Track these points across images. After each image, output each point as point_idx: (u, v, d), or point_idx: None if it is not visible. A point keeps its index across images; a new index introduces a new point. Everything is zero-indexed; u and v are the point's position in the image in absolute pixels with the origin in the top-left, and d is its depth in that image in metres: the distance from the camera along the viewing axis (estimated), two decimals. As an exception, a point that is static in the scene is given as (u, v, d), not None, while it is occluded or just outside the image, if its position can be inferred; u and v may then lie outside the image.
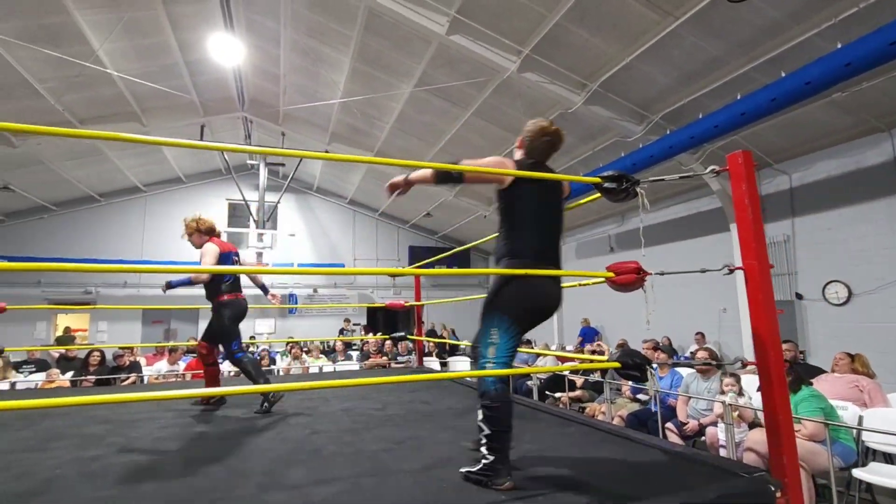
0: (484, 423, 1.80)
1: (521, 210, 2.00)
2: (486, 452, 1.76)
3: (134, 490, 1.77)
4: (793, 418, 3.45)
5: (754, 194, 1.86)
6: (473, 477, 1.77)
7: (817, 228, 6.91)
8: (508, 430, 1.80)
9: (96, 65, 7.27)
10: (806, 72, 4.89)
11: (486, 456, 1.76)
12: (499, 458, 1.74)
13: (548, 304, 1.97)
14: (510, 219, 2.02)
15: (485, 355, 1.89)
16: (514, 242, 1.98)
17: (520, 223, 2.00)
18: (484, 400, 1.82)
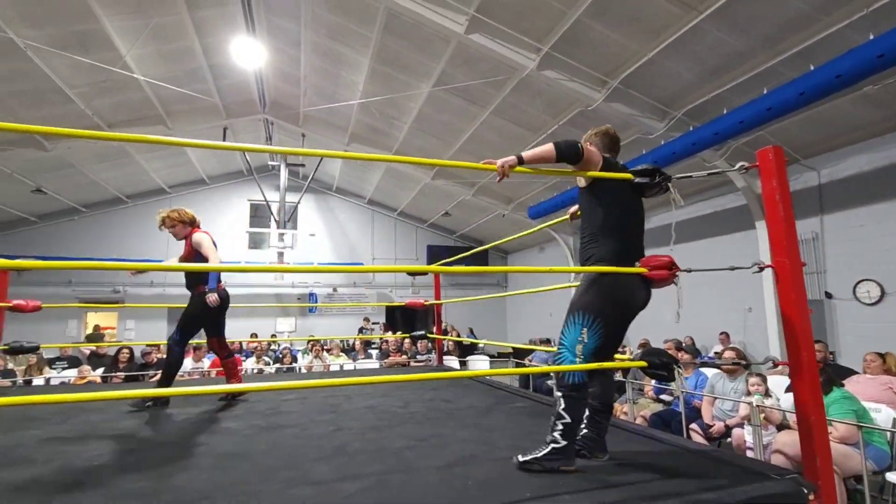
0: (565, 412, 1.88)
1: (610, 210, 2.01)
2: (560, 437, 1.87)
3: (166, 483, 1.82)
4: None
5: (785, 190, 1.82)
6: (542, 462, 1.85)
7: (847, 225, 6.70)
8: (582, 419, 1.95)
9: (124, 70, 7.48)
10: (836, 64, 4.76)
11: (559, 440, 1.86)
12: (570, 444, 1.87)
13: (634, 302, 2.00)
14: (598, 219, 2.01)
15: (572, 350, 1.93)
16: (601, 246, 1.99)
17: (607, 224, 2.00)
18: (567, 389, 1.90)
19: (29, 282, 11.54)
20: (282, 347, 9.06)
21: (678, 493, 1.61)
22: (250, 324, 13.70)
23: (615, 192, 2.03)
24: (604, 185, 2.01)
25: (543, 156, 1.95)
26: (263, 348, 8.95)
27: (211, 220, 14.08)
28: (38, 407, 3.31)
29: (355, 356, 8.66)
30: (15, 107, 7.82)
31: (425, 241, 16.16)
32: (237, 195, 14.57)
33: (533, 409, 3.15)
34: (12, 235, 12.27)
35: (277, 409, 3.23)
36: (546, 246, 14.25)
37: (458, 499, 1.62)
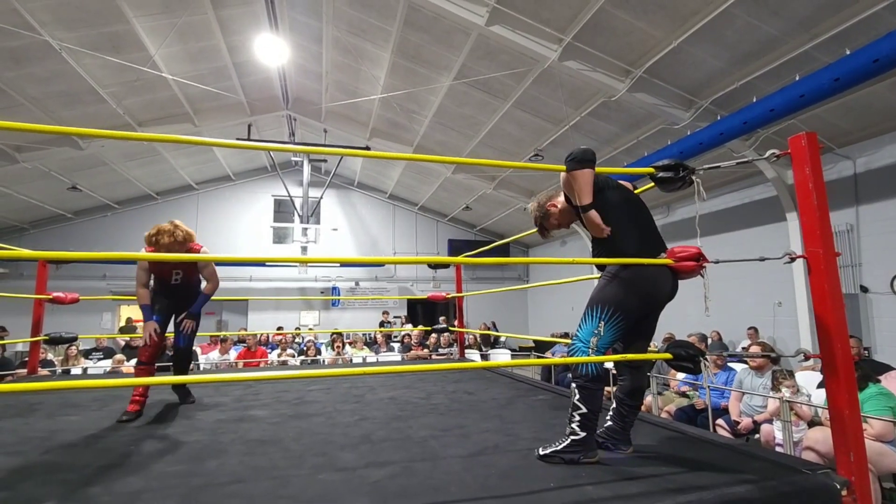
0: (581, 402, 1.87)
1: (619, 212, 1.99)
2: (578, 429, 1.85)
3: (201, 466, 1.89)
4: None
5: (819, 178, 1.77)
6: (562, 455, 1.86)
7: (885, 217, 6.45)
8: (600, 410, 1.90)
9: (153, 69, 7.67)
10: (874, 48, 4.56)
11: (577, 432, 1.85)
12: (589, 435, 1.86)
13: (658, 294, 1.96)
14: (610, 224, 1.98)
15: (587, 342, 1.91)
16: (622, 245, 1.96)
17: (621, 224, 1.98)
18: (582, 380, 1.88)
19: (66, 276, 11.99)
20: (306, 340, 9.22)
21: (704, 485, 1.59)
22: (276, 317, 14.01)
23: (613, 190, 2.03)
24: (600, 188, 1.98)
25: (587, 179, 1.91)
26: (288, 341, 9.12)
27: (236, 215, 14.41)
28: (76, 394, 3.45)
29: (377, 349, 8.75)
30: (52, 107, 8.12)
31: (446, 236, 16.19)
32: (262, 191, 14.84)
33: (554, 401, 3.14)
34: (49, 231, 12.77)
35: (303, 399, 3.30)
36: (568, 239, 14.11)
37: (482, 487, 1.64)
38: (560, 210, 2.17)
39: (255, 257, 1.73)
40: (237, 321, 13.95)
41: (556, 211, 2.19)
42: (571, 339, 1.97)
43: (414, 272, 15.72)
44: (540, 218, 2.24)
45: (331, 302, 14.93)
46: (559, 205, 2.18)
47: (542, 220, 2.23)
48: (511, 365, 3.82)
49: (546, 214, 2.21)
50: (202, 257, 2.87)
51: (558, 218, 2.20)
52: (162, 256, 2.61)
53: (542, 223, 2.25)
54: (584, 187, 1.89)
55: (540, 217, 2.23)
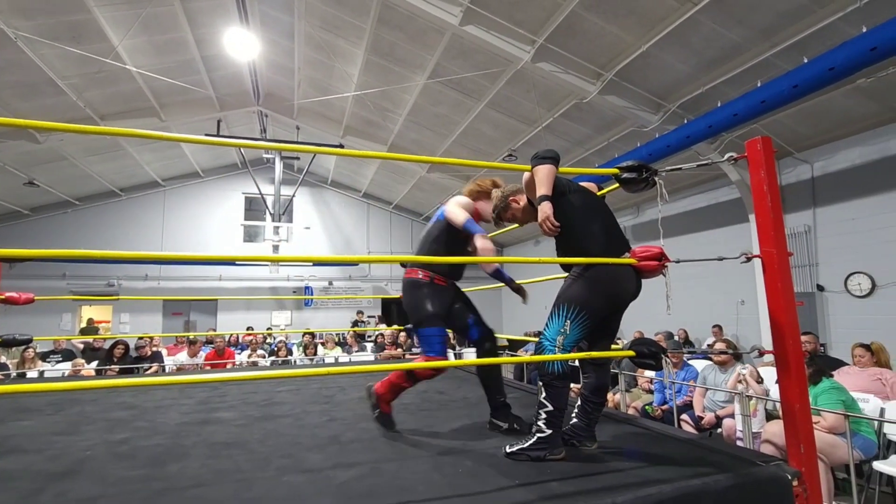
0: (547, 400, 1.92)
1: (583, 212, 2.04)
2: (544, 426, 1.90)
3: (160, 470, 1.84)
4: (813, 410, 3.42)
5: (773, 181, 1.84)
6: (528, 452, 1.89)
7: (840, 219, 6.75)
8: (566, 407, 1.95)
9: (116, 61, 7.41)
10: (829, 57, 4.77)
11: (543, 430, 1.89)
12: (555, 432, 1.90)
13: (623, 293, 2.00)
14: (572, 224, 2.03)
15: (553, 340, 1.94)
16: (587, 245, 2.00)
17: (583, 224, 2.03)
18: (549, 378, 1.92)
19: (22, 275, 11.48)
20: (277, 340, 9.07)
21: (665, 479, 1.63)
22: (247, 317, 13.73)
23: (575, 193, 2.08)
24: (561, 190, 2.04)
25: (548, 175, 1.96)
26: (259, 341, 8.95)
27: (205, 213, 14.05)
28: (31, 399, 3.31)
29: (349, 350, 8.68)
30: (7, 98, 7.75)
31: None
32: (232, 188, 14.50)
33: (524, 400, 3.17)
34: (4, 229, 12.18)
35: (272, 400, 3.25)
36: (541, 239, 14.28)
37: (449, 486, 1.65)
38: (522, 207, 2.28)
39: (226, 255, 1.69)
40: (206, 322, 13.62)
41: (517, 207, 2.29)
42: (539, 338, 2.00)
43: (388, 271, 15.64)
44: (500, 207, 2.32)
45: (303, 302, 14.72)
46: (521, 202, 2.28)
47: (501, 211, 2.33)
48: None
49: (507, 206, 2.31)
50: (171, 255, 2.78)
51: (517, 213, 2.30)
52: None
53: (499, 213, 2.34)
54: (543, 180, 1.94)
55: (500, 207, 2.32)
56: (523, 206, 2.26)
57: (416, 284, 2.40)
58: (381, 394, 2.40)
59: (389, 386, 2.39)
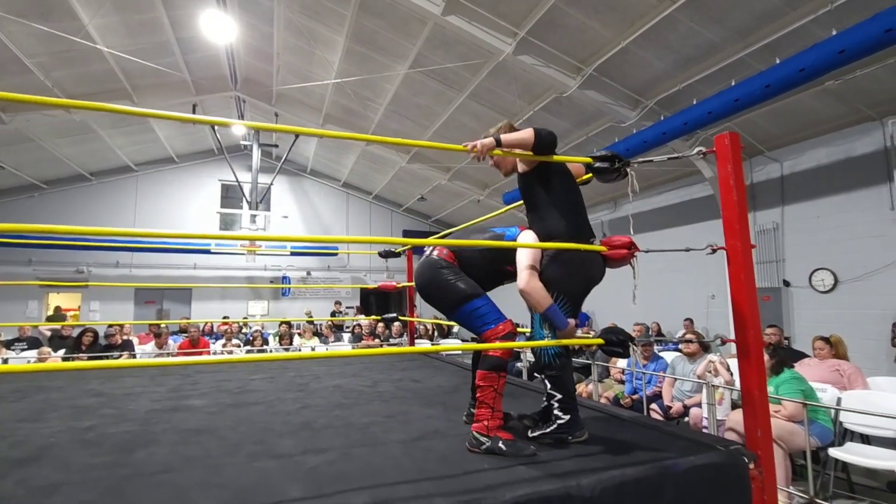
0: (554, 390, 2.00)
1: (559, 189, 2.07)
2: (561, 413, 1.97)
3: (127, 457, 1.82)
4: (774, 399, 3.55)
5: (740, 176, 1.89)
6: (551, 436, 1.95)
7: (806, 216, 6.98)
8: (574, 390, 2.03)
9: (86, 40, 7.14)
10: (800, 58, 4.90)
11: (561, 416, 1.97)
12: (573, 416, 1.97)
13: (594, 278, 2.07)
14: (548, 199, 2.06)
15: (541, 332, 2.01)
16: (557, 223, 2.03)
17: (558, 202, 2.06)
18: (549, 371, 2.00)
19: (-15, 261, 11.07)
20: (253, 330, 8.96)
21: (629, 463, 1.69)
22: (223, 306, 13.50)
23: (561, 174, 2.10)
24: (551, 167, 2.06)
25: (522, 142, 1.95)
26: (234, 331, 8.83)
27: (180, 200, 13.74)
28: (-7, 386, 3.22)
29: (325, 340, 8.64)
30: (-33, 75, 7.42)
31: (401, 226, 16.11)
32: (207, 175, 14.19)
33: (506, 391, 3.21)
34: (-34, 212, 11.71)
35: (245, 388, 3.23)
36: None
37: (420, 470, 1.67)
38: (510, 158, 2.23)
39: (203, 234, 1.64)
40: (179, 311, 13.36)
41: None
42: (530, 330, 2.06)
43: (367, 262, 15.57)
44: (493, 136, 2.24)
45: (281, 292, 14.55)
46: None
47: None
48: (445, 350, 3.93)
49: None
50: (143, 232, 2.72)
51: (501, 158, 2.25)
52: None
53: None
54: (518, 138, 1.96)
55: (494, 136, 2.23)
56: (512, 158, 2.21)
57: (439, 265, 2.09)
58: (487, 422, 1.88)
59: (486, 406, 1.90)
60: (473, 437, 1.86)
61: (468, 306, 1.98)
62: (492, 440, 1.84)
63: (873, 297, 6.11)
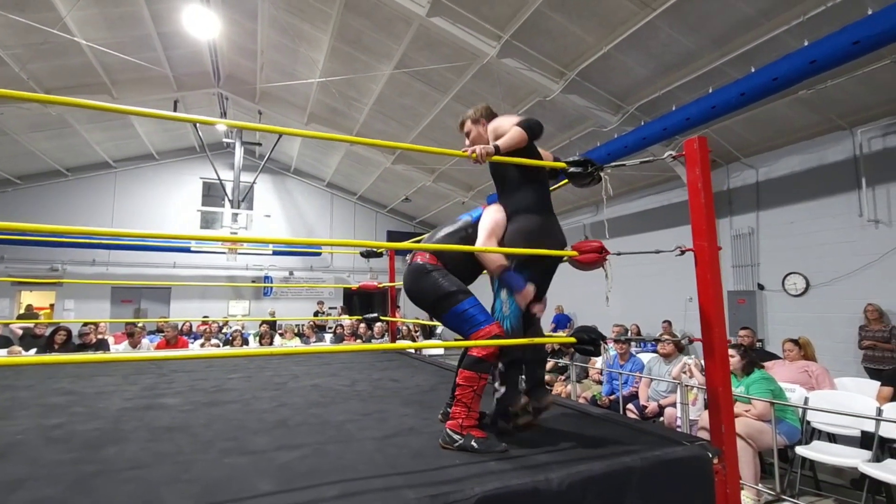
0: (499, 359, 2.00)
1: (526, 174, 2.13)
2: (498, 385, 2.01)
3: (95, 454, 1.79)
4: (745, 399, 3.64)
5: (707, 179, 1.95)
6: (496, 415, 2.03)
7: (780, 222, 7.17)
8: (521, 363, 2.05)
9: (63, 32, 7.00)
10: (774, 68, 5.04)
11: (498, 389, 2.01)
12: (509, 388, 2.02)
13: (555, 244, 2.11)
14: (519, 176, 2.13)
15: (499, 295, 2.05)
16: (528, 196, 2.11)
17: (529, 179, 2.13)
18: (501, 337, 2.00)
19: (-46, 257, 10.75)
20: (233, 329, 8.85)
21: (597, 457, 1.73)
22: (203, 306, 13.31)
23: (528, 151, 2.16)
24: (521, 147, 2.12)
25: (518, 143, 2.00)
26: (213, 330, 8.72)
27: (160, 197, 13.52)
28: (-41, 384, 3.14)
29: (307, 340, 8.58)
30: (-63, 66, 7.21)
31: (385, 227, 16.08)
32: (189, 173, 14.00)
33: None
34: (-65, 206, 11.36)
35: (221, 387, 3.20)
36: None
37: (391, 466, 1.68)
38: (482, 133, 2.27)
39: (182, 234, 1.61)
40: (158, 310, 13.14)
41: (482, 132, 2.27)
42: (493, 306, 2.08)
43: (351, 262, 15.51)
44: (471, 119, 2.31)
45: (262, 291, 14.40)
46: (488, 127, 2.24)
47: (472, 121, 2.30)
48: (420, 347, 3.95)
49: (478, 120, 2.29)
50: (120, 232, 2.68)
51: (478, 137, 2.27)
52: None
53: (465, 120, 2.33)
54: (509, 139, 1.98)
55: (472, 119, 2.30)
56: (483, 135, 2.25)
57: (424, 270, 2.13)
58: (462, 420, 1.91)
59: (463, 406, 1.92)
60: (447, 435, 1.89)
61: (457, 308, 2.00)
62: (465, 438, 1.86)
63: (842, 300, 6.30)
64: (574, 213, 11.40)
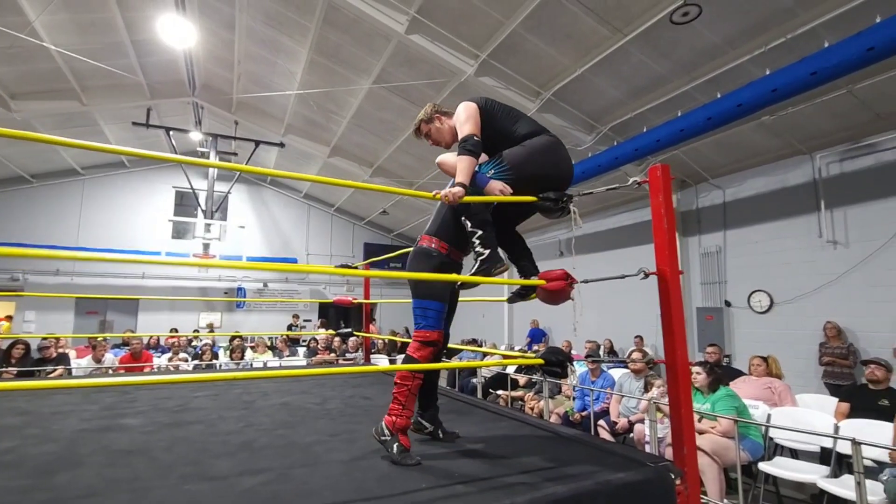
0: (475, 227, 2.05)
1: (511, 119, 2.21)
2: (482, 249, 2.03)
3: (48, 480, 1.72)
4: (711, 416, 3.71)
5: (669, 205, 2.02)
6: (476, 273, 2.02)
7: (745, 241, 7.42)
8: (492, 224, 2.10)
9: (32, 37, 6.83)
10: (738, 94, 5.27)
11: (482, 251, 2.02)
12: (493, 251, 2.03)
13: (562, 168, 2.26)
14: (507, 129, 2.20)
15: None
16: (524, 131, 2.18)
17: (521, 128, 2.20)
18: (468, 212, 2.06)
19: None
20: (202, 343, 8.63)
21: (561, 477, 1.74)
22: (172, 318, 12.93)
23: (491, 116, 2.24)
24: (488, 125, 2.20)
25: (471, 168, 2.06)
26: (181, 344, 8.49)
27: (130, 206, 13.19)
28: None
29: (280, 354, 8.43)
30: None
31: (362, 239, 16.00)
32: (161, 181, 13.70)
33: (450, 405, 3.23)
34: None
35: (186, 406, 3.11)
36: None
37: (357, 490, 1.66)
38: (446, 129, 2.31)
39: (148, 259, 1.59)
40: (125, 322, 12.71)
41: (440, 126, 2.32)
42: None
43: (327, 274, 15.35)
44: (424, 120, 2.36)
45: (236, 303, 14.10)
46: (446, 124, 2.31)
47: (425, 122, 2.36)
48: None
49: (430, 118, 2.34)
50: (78, 256, 2.60)
51: (440, 132, 2.33)
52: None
53: (419, 125, 2.38)
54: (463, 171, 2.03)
55: (425, 119, 2.35)
56: (448, 128, 2.28)
57: (429, 255, 2.20)
58: (396, 419, 2.02)
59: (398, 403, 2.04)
60: (381, 427, 2.03)
61: (424, 302, 2.11)
62: (391, 437, 1.99)
63: (804, 318, 6.53)
64: (549, 230, 11.56)
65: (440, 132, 2.33)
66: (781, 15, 4.98)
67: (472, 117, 2.13)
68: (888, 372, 4.03)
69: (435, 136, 2.35)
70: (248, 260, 13.13)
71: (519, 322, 12.07)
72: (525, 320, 11.40)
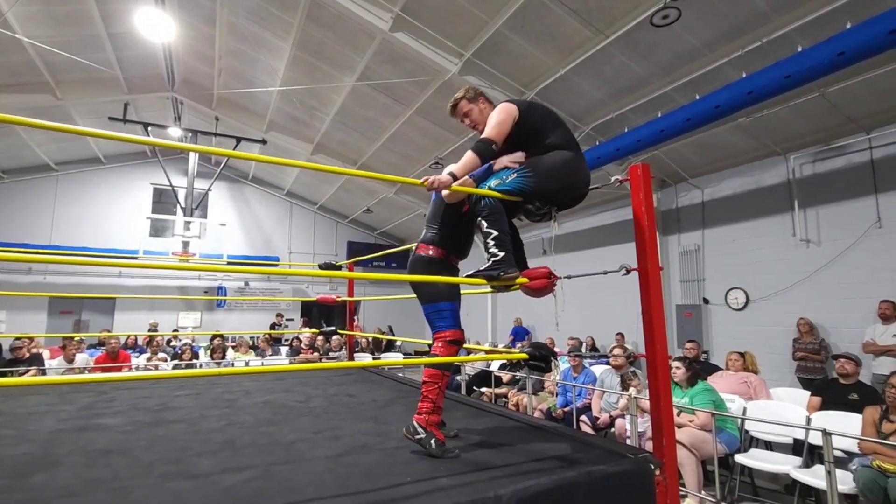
0: (490, 228, 2.06)
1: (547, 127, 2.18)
2: (497, 250, 2.03)
3: (24, 481, 1.69)
4: (689, 409, 3.80)
5: (650, 203, 2.06)
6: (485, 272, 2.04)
7: (722, 240, 7.59)
8: (507, 229, 2.10)
9: (4, 28, 6.63)
10: (716, 96, 5.39)
11: (497, 254, 2.03)
12: (507, 254, 2.03)
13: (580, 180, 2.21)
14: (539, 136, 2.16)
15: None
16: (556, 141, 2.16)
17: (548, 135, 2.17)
18: (483, 212, 2.08)
19: None
20: (182, 343, 8.49)
21: (544, 470, 1.77)
22: (150, 317, 12.66)
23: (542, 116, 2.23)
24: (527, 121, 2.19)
25: (471, 167, 2.07)
26: (160, 344, 8.33)
27: (107, 203, 12.88)
28: None
29: (262, 353, 8.34)
30: None
31: (346, 237, 15.90)
32: (139, 178, 13.41)
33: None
34: None
35: (167, 405, 3.06)
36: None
37: (341, 486, 1.67)
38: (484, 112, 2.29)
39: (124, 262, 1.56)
40: (101, 322, 12.41)
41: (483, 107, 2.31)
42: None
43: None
44: (468, 98, 2.32)
45: (216, 302, 13.88)
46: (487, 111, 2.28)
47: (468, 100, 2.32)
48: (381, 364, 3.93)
49: (475, 97, 2.32)
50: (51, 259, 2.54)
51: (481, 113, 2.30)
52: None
53: (458, 102, 2.33)
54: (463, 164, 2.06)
55: (469, 98, 2.32)
56: (486, 113, 2.26)
57: (429, 262, 2.25)
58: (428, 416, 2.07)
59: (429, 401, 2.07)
60: (412, 425, 2.05)
61: (436, 305, 2.16)
62: (427, 434, 2.01)
63: (779, 315, 6.71)
64: (533, 227, 11.65)
65: (482, 115, 2.30)
66: (757, 19, 5.10)
67: (502, 123, 2.11)
68: (857, 366, 4.18)
69: (476, 117, 2.32)
70: (229, 258, 12.93)
71: (502, 320, 12.14)
72: (508, 318, 11.47)
